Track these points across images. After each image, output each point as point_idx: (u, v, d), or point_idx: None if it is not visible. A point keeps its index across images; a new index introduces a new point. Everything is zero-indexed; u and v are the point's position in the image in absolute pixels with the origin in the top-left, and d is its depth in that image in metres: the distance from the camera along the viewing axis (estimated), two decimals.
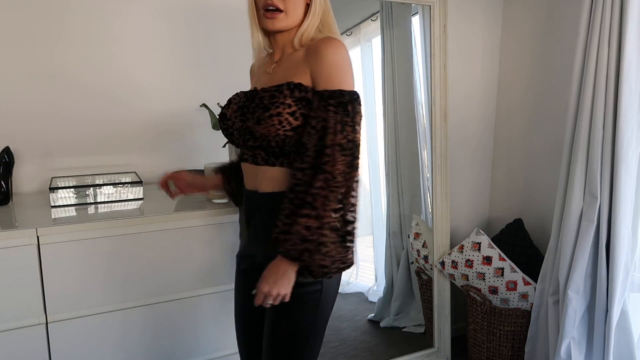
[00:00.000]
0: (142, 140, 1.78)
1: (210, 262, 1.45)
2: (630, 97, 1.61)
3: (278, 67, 1.18)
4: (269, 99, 1.11)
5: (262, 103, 1.11)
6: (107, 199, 1.49)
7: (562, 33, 2.04)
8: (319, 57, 1.09)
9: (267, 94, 1.12)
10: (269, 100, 1.10)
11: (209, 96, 1.76)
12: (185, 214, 1.39)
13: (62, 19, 1.62)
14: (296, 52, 1.16)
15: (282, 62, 1.18)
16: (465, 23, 2.27)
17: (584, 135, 1.73)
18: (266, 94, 1.12)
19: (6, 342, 1.23)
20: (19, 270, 1.22)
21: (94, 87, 1.69)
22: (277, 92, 1.11)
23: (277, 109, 1.09)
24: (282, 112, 1.09)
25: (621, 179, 1.65)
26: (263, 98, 1.12)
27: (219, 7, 1.82)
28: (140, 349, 1.40)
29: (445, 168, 2.21)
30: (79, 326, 1.31)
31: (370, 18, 2.25)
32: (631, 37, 1.58)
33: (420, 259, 2.35)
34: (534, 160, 2.25)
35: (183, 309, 1.44)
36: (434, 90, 2.15)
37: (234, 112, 1.19)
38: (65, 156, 1.69)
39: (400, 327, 2.51)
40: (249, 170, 1.21)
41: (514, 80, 2.33)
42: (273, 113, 1.09)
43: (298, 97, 1.10)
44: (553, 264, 1.92)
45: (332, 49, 1.09)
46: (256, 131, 1.12)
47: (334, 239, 1.04)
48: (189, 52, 1.80)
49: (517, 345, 2.09)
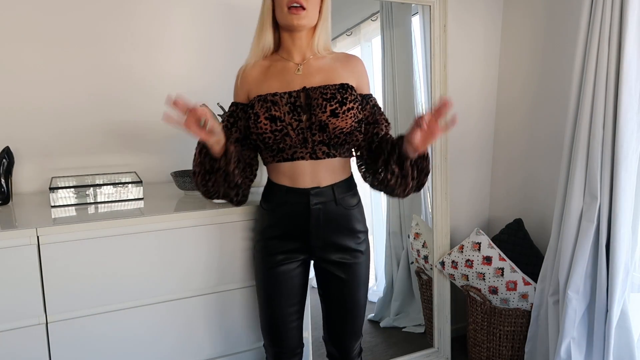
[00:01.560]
0: (142, 140, 1.78)
1: (211, 262, 1.45)
2: (630, 97, 1.61)
3: (309, 69, 1.33)
4: (341, 94, 1.28)
5: (335, 97, 1.27)
6: (107, 199, 1.49)
7: (562, 33, 2.04)
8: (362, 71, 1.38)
9: (333, 91, 1.28)
10: (342, 95, 1.27)
11: (209, 96, 1.76)
12: (185, 214, 1.39)
13: (62, 19, 1.62)
14: (323, 58, 1.35)
15: (311, 65, 1.33)
16: (465, 23, 2.27)
17: (584, 135, 1.73)
18: (332, 91, 1.28)
19: (6, 342, 1.23)
20: (19, 270, 1.22)
21: (93, 87, 1.69)
22: (342, 89, 1.29)
23: (351, 103, 1.28)
24: (354, 107, 1.28)
25: (621, 179, 1.65)
26: (334, 94, 1.27)
27: (220, 7, 1.82)
28: (140, 348, 1.40)
29: (445, 168, 2.21)
30: (79, 326, 1.31)
31: (370, 18, 2.25)
32: (631, 37, 1.58)
33: (420, 259, 2.35)
34: (534, 160, 2.25)
35: (183, 309, 1.44)
36: (434, 90, 2.15)
37: (288, 113, 1.27)
38: (65, 156, 1.69)
39: (400, 327, 2.51)
40: (304, 167, 1.31)
41: (513, 80, 2.33)
42: (350, 107, 1.27)
43: (356, 95, 1.32)
44: (553, 264, 1.92)
45: (359, 60, 1.39)
46: (332, 124, 1.26)
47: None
48: (188, 52, 1.80)
49: (517, 345, 2.09)
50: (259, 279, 1.41)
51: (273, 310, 1.39)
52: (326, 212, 1.33)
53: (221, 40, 1.84)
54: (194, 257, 1.42)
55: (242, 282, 1.50)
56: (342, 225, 1.36)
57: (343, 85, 1.30)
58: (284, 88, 1.30)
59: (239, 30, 1.85)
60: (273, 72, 1.33)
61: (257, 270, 1.42)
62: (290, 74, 1.32)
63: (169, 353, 1.44)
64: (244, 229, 1.47)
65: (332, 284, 1.42)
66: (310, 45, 1.33)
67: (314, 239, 1.35)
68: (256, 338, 1.56)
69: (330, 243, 1.36)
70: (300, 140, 1.28)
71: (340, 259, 1.38)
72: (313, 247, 1.36)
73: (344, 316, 1.44)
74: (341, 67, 1.34)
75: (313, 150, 1.30)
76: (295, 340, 1.43)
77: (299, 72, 1.32)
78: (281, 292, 1.38)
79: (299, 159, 1.30)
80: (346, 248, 1.37)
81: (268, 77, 1.33)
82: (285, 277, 1.37)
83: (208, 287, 1.46)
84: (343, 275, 1.39)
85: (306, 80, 1.31)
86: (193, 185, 1.58)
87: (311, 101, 1.28)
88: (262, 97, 1.29)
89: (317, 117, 1.26)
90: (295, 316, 1.41)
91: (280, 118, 1.26)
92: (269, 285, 1.38)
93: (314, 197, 1.32)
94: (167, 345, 1.44)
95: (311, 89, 1.29)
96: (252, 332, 1.55)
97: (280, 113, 1.26)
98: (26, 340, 1.26)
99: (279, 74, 1.33)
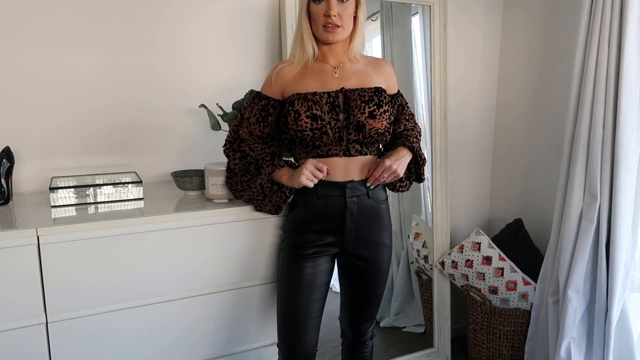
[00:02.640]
0: (142, 140, 1.78)
1: (211, 262, 1.45)
2: (630, 97, 1.61)
3: (345, 72, 1.40)
4: (377, 97, 1.36)
5: (372, 100, 1.35)
6: (107, 199, 1.49)
7: (562, 32, 2.04)
8: (390, 73, 1.48)
9: (370, 94, 1.36)
10: (378, 98, 1.36)
11: (209, 96, 1.76)
12: (185, 214, 1.39)
13: (61, 19, 1.62)
14: (357, 62, 1.43)
15: (346, 69, 1.41)
16: (465, 23, 2.27)
17: (584, 135, 1.73)
18: (369, 94, 1.36)
19: (6, 342, 1.24)
20: (19, 270, 1.22)
21: (93, 87, 1.69)
22: (377, 92, 1.37)
23: (386, 106, 1.38)
24: (389, 109, 1.39)
25: (621, 179, 1.65)
26: (371, 96, 1.36)
27: (219, 8, 1.82)
28: (140, 348, 1.40)
29: (445, 168, 2.21)
30: (79, 326, 1.31)
31: (370, 18, 2.25)
32: (631, 37, 1.58)
33: (420, 259, 2.35)
34: (534, 160, 2.25)
35: (183, 309, 1.44)
36: (434, 90, 2.15)
37: (327, 112, 1.34)
38: (65, 156, 1.69)
39: (400, 327, 2.51)
40: (338, 163, 1.38)
41: (514, 80, 2.33)
42: (385, 109, 1.37)
43: (389, 98, 1.42)
44: (553, 264, 1.92)
45: (388, 64, 1.50)
46: (368, 124, 1.34)
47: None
48: (188, 53, 1.80)
49: (517, 345, 2.09)
50: (285, 273, 1.43)
51: (297, 305, 1.39)
52: (360, 206, 1.41)
53: (221, 40, 1.84)
54: (193, 257, 1.42)
55: (242, 282, 1.50)
56: (373, 219, 1.44)
57: (378, 89, 1.38)
58: (322, 88, 1.37)
59: (239, 31, 1.85)
60: (310, 72, 1.40)
61: (285, 264, 1.43)
62: (327, 76, 1.39)
63: (169, 353, 1.44)
64: (244, 229, 1.47)
65: (355, 273, 1.48)
66: (346, 51, 1.41)
67: (347, 232, 1.41)
68: (262, 337, 1.56)
69: (361, 237, 1.43)
70: (337, 138, 1.35)
71: (367, 253, 1.45)
72: (345, 241, 1.42)
73: (363, 303, 1.51)
74: (373, 71, 1.43)
75: (347, 147, 1.37)
76: (313, 339, 1.43)
77: (336, 74, 1.39)
78: (308, 286, 1.39)
79: (333, 155, 1.37)
80: (374, 242, 1.45)
81: (305, 76, 1.39)
82: (313, 271, 1.40)
83: (208, 287, 1.46)
84: (367, 267, 1.46)
85: (342, 82, 1.38)
86: (193, 185, 1.58)
87: (350, 102, 1.35)
88: (302, 95, 1.34)
89: (355, 118, 1.34)
90: (317, 312, 1.43)
91: (321, 117, 1.32)
92: (296, 279, 1.40)
93: (350, 191, 1.39)
94: (167, 345, 1.44)
95: (349, 90, 1.37)
96: (253, 332, 1.55)
97: (321, 112, 1.33)
98: (26, 340, 1.26)
99: (317, 74, 1.39)
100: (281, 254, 1.46)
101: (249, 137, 1.42)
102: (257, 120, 1.40)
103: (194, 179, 1.57)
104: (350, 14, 1.35)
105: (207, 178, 1.50)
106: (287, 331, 1.42)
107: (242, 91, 1.69)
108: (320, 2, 1.33)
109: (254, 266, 1.51)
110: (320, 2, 1.33)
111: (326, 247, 1.42)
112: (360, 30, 1.40)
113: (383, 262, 1.48)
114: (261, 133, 1.41)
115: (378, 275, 1.49)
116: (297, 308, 1.40)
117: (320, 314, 1.45)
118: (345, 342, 1.62)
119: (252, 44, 1.87)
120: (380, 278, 1.50)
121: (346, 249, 1.43)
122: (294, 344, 1.41)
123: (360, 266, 1.46)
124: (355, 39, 1.40)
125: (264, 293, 1.55)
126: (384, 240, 1.47)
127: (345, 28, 1.35)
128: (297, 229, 1.42)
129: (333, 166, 1.37)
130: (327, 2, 1.32)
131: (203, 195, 1.60)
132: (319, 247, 1.41)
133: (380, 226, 1.45)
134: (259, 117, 1.40)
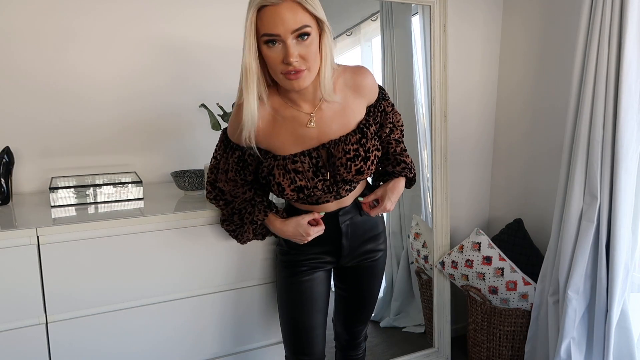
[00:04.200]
0: (142, 140, 1.78)
1: (211, 262, 1.45)
2: (630, 97, 1.61)
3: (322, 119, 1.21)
4: (363, 147, 1.22)
5: (358, 155, 1.21)
6: (107, 199, 1.49)
7: (562, 32, 2.04)
8: (371, 86, 1.27)
9: (355, 146, 1.21)
10: (364, 148, 1.22)
11: (209, 96, 1.76)
12: (185, 214, 1.39)
13: (61, 19, 1.62)
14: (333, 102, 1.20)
15: (323, 114, 1.21)
16: (465, 23, 2.27)
17: (584, 135, 1.73)
18: (354, 146, 1.21)
19: (6, 342, 1.24)
20: (19, 270, 1.22)
21: (93, 87, 1.69)
22: (363, 138, 1.22)
23: (374, 152, 1.24)
24: (377, 155, 1.25)
25: (621, 179, 1.65)
26: (357, 151, 1.21)
27: (218, 8, 1.82)
28: (140, 348, 1.40)
29: (445, 168, 2.21)
30: (79, 326, 1.31)
31: (370, 18, 2.25)
32: (631, 37, 1.58)
33: (420, 259, 2.35)
34: (534, 160, 2.25)
35: (183, 309, 1.44)
36: (434, 90, 2.15)
37: (312, 178, 1.21)
38: (65, 156, 1.69)
39: (400, 327, 2.51)
40: (330, 204, 1.33)
41: (514, 80, 2.33)
42: (372, 158, 1.23)
43: (374, 131, 1.28)
44: (553, 264, 1.92)
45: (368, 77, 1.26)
46: (356, 180, 1.25)
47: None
48: (188, 53, 1.80)
49: (517, 345, 2.09)
50: (284, 288, 1.41)
51: (299, 319, 1.39)
52: (354, 224, 1.38)
53: (221, 40, 1.84)
54: (193, 257, 1.42)
55: (243, 282, 1.51)
56: (367, 233, 1.42)
57: (362, 131, 1.23)
58: (299, 145, 1.21)
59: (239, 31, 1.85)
60: (282, 122, 1.20)
61: (282, 279, 1.42)
62: (303, 127, 1.20)
63: (169, 353, 1.44)
64: None
65: (351, 278, 1.48)
66: (317, 91, 1.18)
67: (344, 250, 1.39)
68: (265, 336, 1.56)
69: (357, 251, 1.42)
70: (326, 192, 1.28)
71: (363, 260, 1.44)
72: (342, 257, 1.41)
73: (358, 305, 1.50)
74: (353, 97, 1.24)
75: (337, 193, 1.30)
76: (320, 347, 1.43)
77: (312, 124, 1.20)
78: (308, 299, 1.39)
79: (324, 202, 1.32)
80: (370, 251, 1.44)
81: (277, 127, 1.21)
82: (312, 284, 1.39)
83: (208, 287, 1.46)
84: (363, 272, 1.46)
85: (322, 132, 1.21)
86: (193, 185, 1.58)
87: (334, 159, 1.21)
88: (282, 164, 1.20)
89: (342, 176, 1.22)
90: (321, 323, 1.42)
91: (307, 186, 1.21)
92: (296, 293, 1.39)
93: (342, 217, 1.36)
94: (167, 345, 1.44)
95: (331, 144, 1.21)
96: (255, 331, 1.55)
97: (305, 181, 1.20)
98: (26, 340, 1.26)
99: (290, 127, 1.20)
100: (277, 269, 1.45)
101: (230, 187, 1.30)
102: (236, 172, 1.27)
103: (194, 179, 1.57)
104: (315, 51, 1.09)
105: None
106: (293, 344, 1.42)
107: None
108: (273, 44, 1.06)
109: (254, 266, 1.51)
110: (274, 43, 1.06)
111: (323, 263, 1.41)
112: (328, 62, 1.13)
113: (379, 266, 1.48)
114: (243, 182, 1.29)
115: (373, 279, 1.49)
116: (301, 322, 1.39)
117: (324, 324, 1.45)
118: (339, 345, 1.61)
119: None
120: (376, 281, 1.50)
121: (342, 262, 1.43)
122: (301, 356, 1.41)
123: (356, 272, 1.46)
124: (322, 74, 1.13)
125: (266, 292, 1.55)
126: (380, 247, 1.46)
127: (312, 70, 1.10)
128: (292, 250, 1.40)
129: (325, 208, 1.34)
130: (284, 46, 1.05)
131: (203, 195, 1.60)
132: (315, 263, 1.40)
133: (375, 236, 1.44)
134: (237, 168, 1.27)
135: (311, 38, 1.07)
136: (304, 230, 1.29)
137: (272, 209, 1.33)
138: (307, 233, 1.29)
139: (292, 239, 1.32)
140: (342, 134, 1.23)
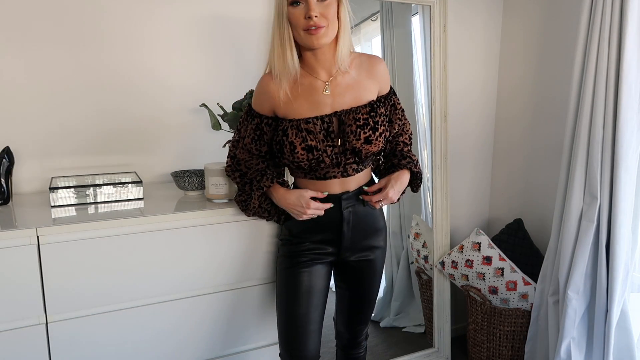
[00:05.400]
0: (142, 140, 1.78)
1: (211, 262, 1.45)
2: (630, 97, 1.61)
3: (337, 88, 1.32)
4: (373, 119, 1.31)
5: (367, 124, 1.30)
6: (107, 199, 1.49)
7: (562, 32, 2.04)
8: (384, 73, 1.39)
9: (365, 116, 1.31)
10: (373, 120, 1.31)
11: (209, 96, 1.76)
12: (185, 214, 1.39)
13: (60, 20, 1.62)
14: (348, 74, 1.33)
15: (338, 84, 1.33)
16: (465, 23, 2.27)
17: (584, 135, 1.73)
18: (364, 116, 1.30)
19: (6, 342, 1.24)
20: (19, 270, 1.22)
21: (93, 87, 1.69)
22: (373, 112, 1.32)
23: (382, 127, 1.33)
24: (385, 130, 1.34)
25: (621, 179, 1.65)
26: (366, 120, 1.30)
27: (220, 9, 1.82)
28: (140, 348, 1.40)
29: (445, 168, 2.21)
30: (79, 326, 1.31)
31: (370, 18, 2.25)
32: (631, 37, 1.58)
33: (420, 259, 2.35)
34: (534, 160, 2.25)
35: (183, 309, 1.44)
36: (434, 90, 2.15)
37: (322, 140, 1.29)
38: (65, 156, 1.69)
39: (400, 327, 2.51)
40: (336, 182, 1.37)
41: (514, 80, 2.33)
42: (381, 131, 1.33)
43: (384, 112, 1.37)
44: (553, 264, 1.92)
45: (382, 64, 1.39)
46: (364, 149, 1.31)
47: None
48: (189, 52, 1.80)
49: (517, 345, 2.09)
50: (283, 280, 1.42)
51: (296, 312, 1.39)
52: (356, 214, 1.40)
53: (221, 40, 1.84)
54: (193, 257, 1.42)
55: (242, 282, 1.51)
56: (369, 226, 1.44)
57: (372, 106, 1.33)
58: (314, 110, 1.31)
59: (239, 31, 1.85)
60: (300, 90, 1.32)
61: (282, 271, 1.43)
62: (319, 94, 1.32)
63: (169, 352, 1.44)
64: (244, 228, 1.47)
65: (351, 276, 1.49)
66: (334, 59, 1.31)
67: (345, 240, 1.41)
68: (262, 337, 1.56)
69: (357, 243, 1.43)
70: (334, 163, 1.33)
71: (363, 257, 1.45)
72: (342, 249, 1.42)
73: (358, 304, 1.52)
74: (366, 77, 1.35)
75: (344, 169, 1.35)
76: (315, 345, 1.42)
77: (327, 92, 1.32)
78: (306, 293, 1.39)
79: (330, 178, 1.36)
80: (370, 246, 1.45)
81: (295, 96, 1.32)
82: (311, 277, 1.40)
83: (208, 287, 1.46)
84: (362, 269, 1.47)
85: (335, 100, 1.32)
86: (193, 185, 1.58)
87: (345, 127, 1.30)
88: (295, 124, 1.30)
89: (351, 144, 1.30)
90: (317, 318, 1.42)
91: (317, 147, 1.29)
92: (294, 286, 1.39)
93: (345, 202, 1.38)
94: (167, 345, 1.44)
95: (343, 112, 1.31)
96: (252, 332, 1.55)
97: (316, 142, 1.29)
98: (26, 340, 1.26)
99: (307, 93, 1.32)
100: (278, 262, 1.46)
101: (245, 156, 1.40)
102: (252, 140, 1.37)
103: (194, 179, 1.57)
104: (334, 13, 1.25)
105: (207, 178, 1.50)
106: (287, 339, 1.41)
107: (242, 91, 1.69)
108: (297, 4, 1.23)
109: (253, 266, 1.51)
110: (298, 4, 1.23)
111: (323, 255, 1.42)
112: (346, 31, 1.29)
113: (378, 264, 1.49)
114: (258, 152, 1.38)
115: (374, 277, 1.50)
116: (296, 315, 1.39)
117: (321, 320, 1.44)
118: (341, 344, 1.62)
119: (253, 44, 1.87)
120: (376, 279, 1.51)
121: (342, 255, 1.44)
122: (295, 352, 1.40)
123: (356, 269, 1.47)
124: (340, 42, 1.29)
125: (264, 293, 1.55)
126: (380, 243, 1.47)
127: (330, 28, 1.25)
128: (293, 239, 1.42)
129: (331, 186, 1.37)
130: (306, 3, 1.22)
131: (203, 195, 1.60)
132: (316, 255, 1.41)
133: (375, 231, 1.45)
134: (254, 136, 1.36)
135: (330, 0, 1.24)
136: (305, 202, 1.33)
137: (279, 179, 1.39)
138: (307, 205, 1.33)
139: (292, 209, 1.35)
140: (353, 105, 1.33)
